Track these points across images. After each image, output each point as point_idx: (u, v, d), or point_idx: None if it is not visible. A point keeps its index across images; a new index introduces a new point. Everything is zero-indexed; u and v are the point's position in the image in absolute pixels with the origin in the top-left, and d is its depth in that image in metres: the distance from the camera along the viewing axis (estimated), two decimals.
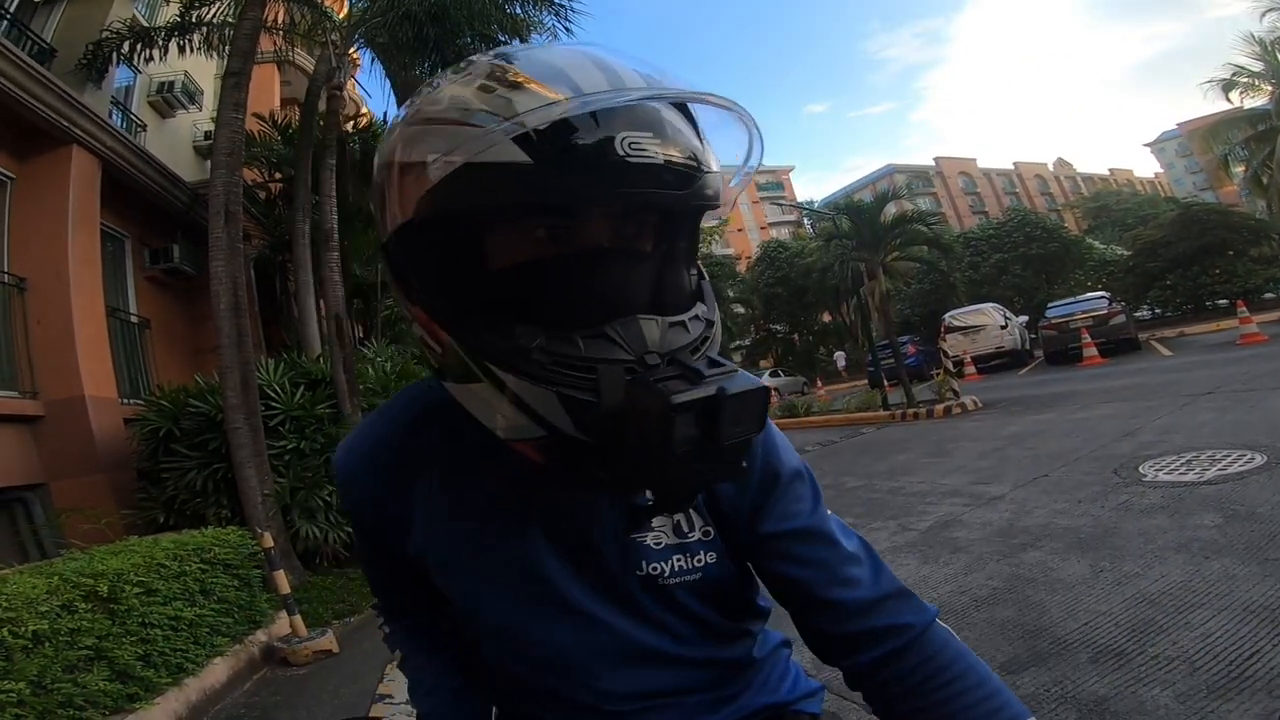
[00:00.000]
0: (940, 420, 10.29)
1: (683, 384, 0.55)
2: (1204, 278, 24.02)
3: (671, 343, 0.60)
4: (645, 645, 0.78)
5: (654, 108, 0.58)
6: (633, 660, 0.79)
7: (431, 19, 7.85)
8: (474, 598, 0.80)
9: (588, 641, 0.78)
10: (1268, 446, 4.52)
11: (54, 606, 3.09)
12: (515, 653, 0.81)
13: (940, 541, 4.16)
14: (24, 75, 6.33)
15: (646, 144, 0.55)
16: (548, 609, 0.77)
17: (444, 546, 0.79)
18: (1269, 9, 19.82)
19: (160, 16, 9.37)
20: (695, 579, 0.78)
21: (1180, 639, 2.37)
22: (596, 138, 0.54)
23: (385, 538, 0.83)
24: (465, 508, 0.77)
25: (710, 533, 0.78)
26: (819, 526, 0.79)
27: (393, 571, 0.91)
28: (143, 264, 8.96)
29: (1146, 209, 41.91)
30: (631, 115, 0.56)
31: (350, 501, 0.84)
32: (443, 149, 0.56)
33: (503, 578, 0.77)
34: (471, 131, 0.55)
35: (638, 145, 0.54)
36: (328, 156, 8.01)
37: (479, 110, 0.56)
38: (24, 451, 6.30)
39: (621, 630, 0.78)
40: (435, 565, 0.80)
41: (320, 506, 6.18)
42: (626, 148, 0.54)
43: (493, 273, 0.63)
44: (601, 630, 0.77)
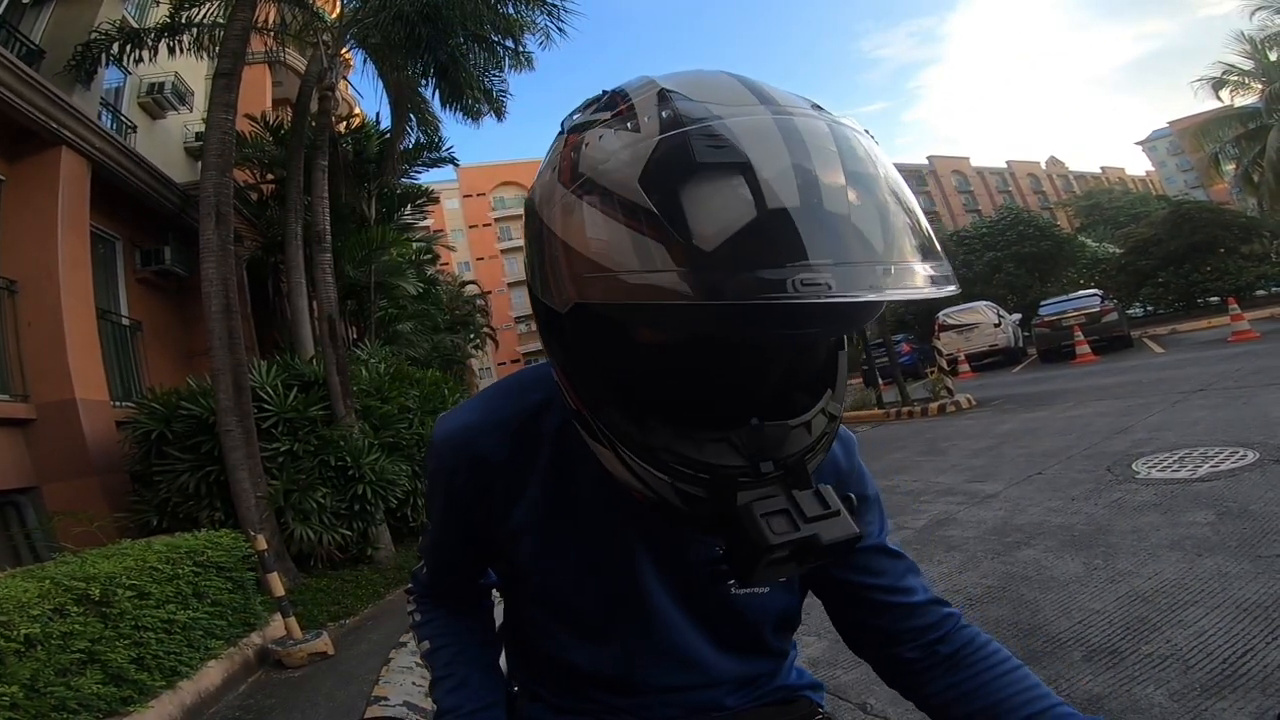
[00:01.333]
0: (934, 418, 10.32)
1: (784, 522, 0.57)
2: (1195, 275, 24.14)
3: (791, 447, 0.61)
4: (702, 653, 0.86)
5: (843, 215, 0.50)
6: (687, 662, 0.85)
7: (424, 19, 7.83)
8: (560, 584, 0.84)
9: (655, 639, 0.84)
10: (1260, 443, 4.54)
11: (46, 610, 3.07)
12: (582, 639, 0.86)
13: (934, 540, 4.16)
14: (12, 77, 6.28)
15: (824, 278, 0.46)
16: (629, 605, 0.83)
17: (544, 529, 0.82)
18: (1259, 7, 19.91)
19: (150, 17, 9.33)
20: (765, 591, 0.85)
21: (1174, 637, 2.38)
22: (772, 275, 0.46)
23: (481, 509, 0.83)
24: (572, 497, 0.81)
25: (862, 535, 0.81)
26: (888, 543, 0.90)
27: (463, 547, 0.91)
28: (134, 266, 8.90)
29: (1138, 207, 42.06)
30: (810, 234, 0.48)
31: (462, 467, 0.82)
32: (609, 263, 0.52)
33: (594, 569, 0.82)
34: (639, 249, 0.50)
35: (811, 283, 0.46)
36: (320, 157, 7.99)
37: (649, 217, 0.50)
38: (15, 454, 6.25)
39: (686, 634, 0.84)
40: (530, 547, 0.83)
41: (314, 509, 6.16)
42: (800, 286, 0.46)
43: (636, 366, 0.65)
44: (669, 631, 0.84)
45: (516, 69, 9.53)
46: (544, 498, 0.81)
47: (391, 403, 7.59)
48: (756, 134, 0.51)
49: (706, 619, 0.85)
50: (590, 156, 0.56)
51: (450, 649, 0.94)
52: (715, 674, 0.87)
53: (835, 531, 0.58)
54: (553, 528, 0.81)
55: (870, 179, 0.53)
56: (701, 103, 0.54)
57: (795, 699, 0.95)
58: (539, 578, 0.84)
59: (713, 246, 0.47)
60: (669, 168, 0.50)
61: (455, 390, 9.20)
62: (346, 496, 6.40)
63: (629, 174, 0.52)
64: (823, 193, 0.49)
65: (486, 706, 0.89)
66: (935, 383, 11.84)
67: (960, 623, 0.87)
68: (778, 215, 0.48)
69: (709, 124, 0.51)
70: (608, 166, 0.54)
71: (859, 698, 2.45)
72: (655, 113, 0.54)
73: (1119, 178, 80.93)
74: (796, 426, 0.62)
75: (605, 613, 0.84)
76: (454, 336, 19.92)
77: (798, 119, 0.53)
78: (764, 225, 0.47)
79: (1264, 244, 24.16)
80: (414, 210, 13.88)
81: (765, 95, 0.56)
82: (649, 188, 0.50)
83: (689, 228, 0.48)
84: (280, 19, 8.90)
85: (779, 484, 0.60)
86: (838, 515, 0.59)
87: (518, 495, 0.81)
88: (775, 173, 0.49)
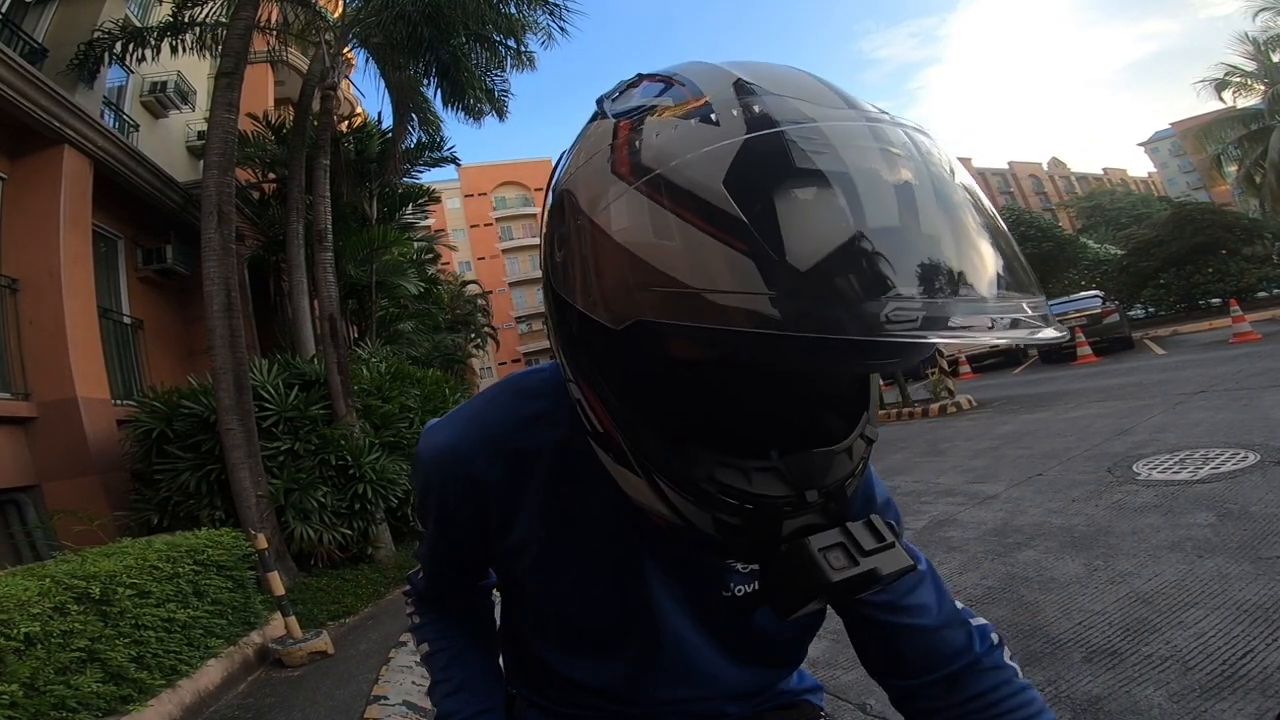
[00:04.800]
0: (935, 419, 10.32)
1: (842, 557, 0.54)
2: (1197, 277, 24.11)
3: (835, 474, 0.57)
4: (712, 665, 0.82)
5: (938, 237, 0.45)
6: (695, 675, 0.82)
7: (426, 19, 7.83)
8: (563, 600, 0.80)
9: (662, 653, 0.80)
10: (1261, 445, 4.54)
11: (46, 609, 3.07)
12: (584, 654, 0.83)
13: (935, 541, 4.16)
14: (15, 75, 6.29)
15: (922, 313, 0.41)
16: (638, 620, 0.79)
17: (545, 546, 0.78)
18: (1262, 9, 19.90)
19: (153, 16, 9.33)
20: None
21: (1174, 638, 2.38)
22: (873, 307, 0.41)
23: (477, 522, 0.79)
24: (574, 512, 0.76)
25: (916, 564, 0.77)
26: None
27: (459, 558, 0.88)
28: (135, 264, 8.91)
29: (1140, 208, 42.04)
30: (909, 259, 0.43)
31: (452, 489, 0.78)
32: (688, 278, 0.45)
33: (599, 585, 0.78)
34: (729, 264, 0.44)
35: (907, 318, 0.41)
36: (321, 157, 8.00)
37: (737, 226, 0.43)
38: (16, 453, 6.26)
39: (695, 647, 0.81)
40: (532, 561, 0.79)
41: (314, 508, 6.16)
42: (894, 317, 0.41)
43: (685, 390, 0.59)
44: (678, 644, 0.80)
45: (518, 68, 9.53)
46: (543, 514, 0.77)
47: (392, 402, 7.59)
48: (855, 142, 0.46)
49: (718, 631, 0.82)
50: (661, 149, 0.49)
51: (448, 652, 0.93)
52: (724, 687, 0.84)
53: (893, 564, 0.55)
54: (554, 544, 0.78)
55: (963, 200, 0.48)
56: (788, 99, 0.48)
57: (796, 704, 0.93)
58: (540, 592, 0.82)
59: (807, 266, 0.42)
60: (762, 172, 0.44)
61: (456, 390, 9.21)
62: (347, 496, 6.40)
63: (714, 174, 0.45)
64: (920, 213, 0.45)
65: (483, 711, 0.88)
66: (936, 383, 11.84)
67: (987, 659, 0.78)
68: (879, 236, 0.43)
69: (804, 126, 0.46)
70: (687, 163, 0.47)
71: (859, 698, 2.45)
72: (736, 106, 0.48)
73: (1121, 179, 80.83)
74: (840, 452, 0.58)
75: (611, 628, 0.80)
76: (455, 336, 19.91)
77: (887, 128, 0.48)
78: (862, 247, 0.42)
79: (1266, 245, 24.11)
80: (415, 210, 13.89)
81: (849, 97, 0.50)
82: (738, 193, 0.44)
83: (782, 243, 0.42)
84: (283, 18, 8.91)
85: (821, 513, 0.57)
86: (893, 547, 0.56)
87: (515, 513, 0.77)
88: (876, 187, 0.44)
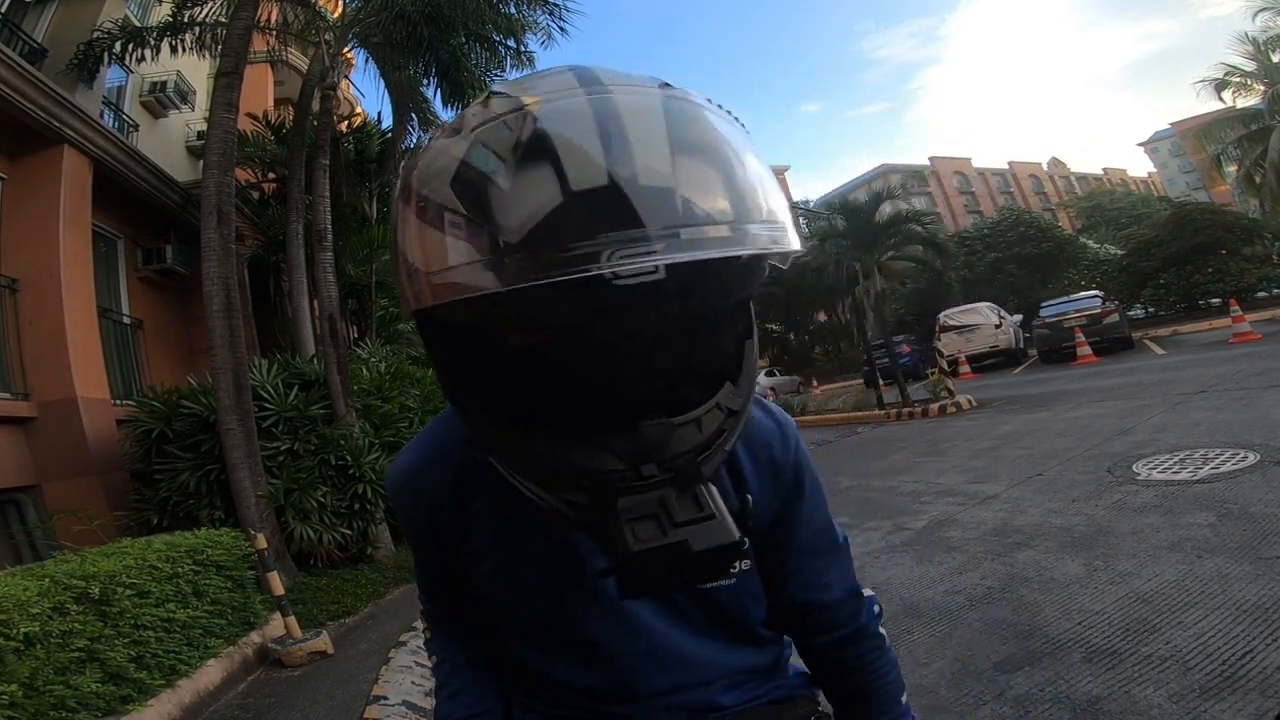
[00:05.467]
0: (935, 419, 10.32)
1: (652, 528, 0.54)
2: (1197, 277, 24.12)
3: (678, 446, 0.57)
4: (684, 648, 0.83)
5: (666, 187, 0.48)
6: (670, 661, 0.83)
7: (426, 19, 7.82)
8: (528, 601, 0.83)
9: (631, 642, 0.82)
10: (1261, 445, 4.54)
11: (45, 608, 3.06)
12: (561, 654, 0.85)
13: (935, 541, 4.16)
14: (15, 75, 6.29)
15: (639, 255, 0.45)
16: (597, 609, 0.80)
17: (502, 550, 0.81)
18: (1261, 9, 19.91)
19: (152, 16, 9.34)
20: (731, 584, 0.82)
21: (1173, 638, 2.38)
22: (580, 251, 0.45)
23: (443, 538, 0.84)
24: (516, 513, 0.78)
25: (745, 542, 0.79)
26: (820, 532, 0.88)
27: (443, 575, 0.91)
28: (135, 264, 8.91)
29: (1140, 208, 42.07)
30: (625, 209, 0.47)
31: (413, 511, 0.85)
32: (422, 264, 0.53)
33: (556, 583, 0.81)
34: (449, 248, 0.50)
35: (631, 254, 0.45)
36: (321, 156, 7.99)
37: (455, 215, 0.50)
38: (16, 453, 6.26)
39: (662, 632, 0.82)
40: (493, 568, 0.82)
41: (314, 508, 6.16)
42: (616, 258, 0.45)
43: (497, 371, 0.62)
44: (644, 632, 0.81)
45: (518, 68, 9.51)
46: (492, 521, 0.80)
47: (392, 402, 7.59)
48: (565, 117, 0.50)
49: (679, 611, 0.82)
50: (415, 165, 0.57)
51: (451, 660, 0.96)
52: (702, 669, 0.85)
53: (708, 540, 0.54)
54: (507, 549, 0.81)
55: (697, 149, 0.52)
56: (518, 96, 0.53)
57: (794, 697, 0.93)
58: (508, 597, 0.84)
59: (519, 236, 0.47)
60: (476, 166, 0.50)
61: None
62: (347, 495, 6.39)
63: (442, 180, 0.52)
64: (637, 168, 0.48)
65: (479, 714, 0.92)
66: (936, 383, 11.84)
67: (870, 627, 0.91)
68: (583, 197, 0.47)
69: (515, 115, 0.51)
70: (426, 173, 0.54)
71: None
72: (475, 112, 0.54)
73: (1121, 179, 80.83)
74: (683, 424, 0.58)
75: (578, 625, 0.82)
76: None
77: (617, 95, 0.52)
78: (569, 207, 0.47)
79: (1266, 245, 24.13)
80: None
81: (591, 80, 0.54)
82: (458, 189, 0.51)
83: (496, 221, 0.48)
84: (283, 18, 8.91)
85: (668, 488, 0.56)
86: (712, 519, 0.55)
87: (470, 523, 0.81)
88: (582, 153, 0.48)
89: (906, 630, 2.99)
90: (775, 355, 40.08)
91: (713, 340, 0.65)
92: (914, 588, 3.49)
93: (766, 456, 0.83)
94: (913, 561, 3.90)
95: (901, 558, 4.00)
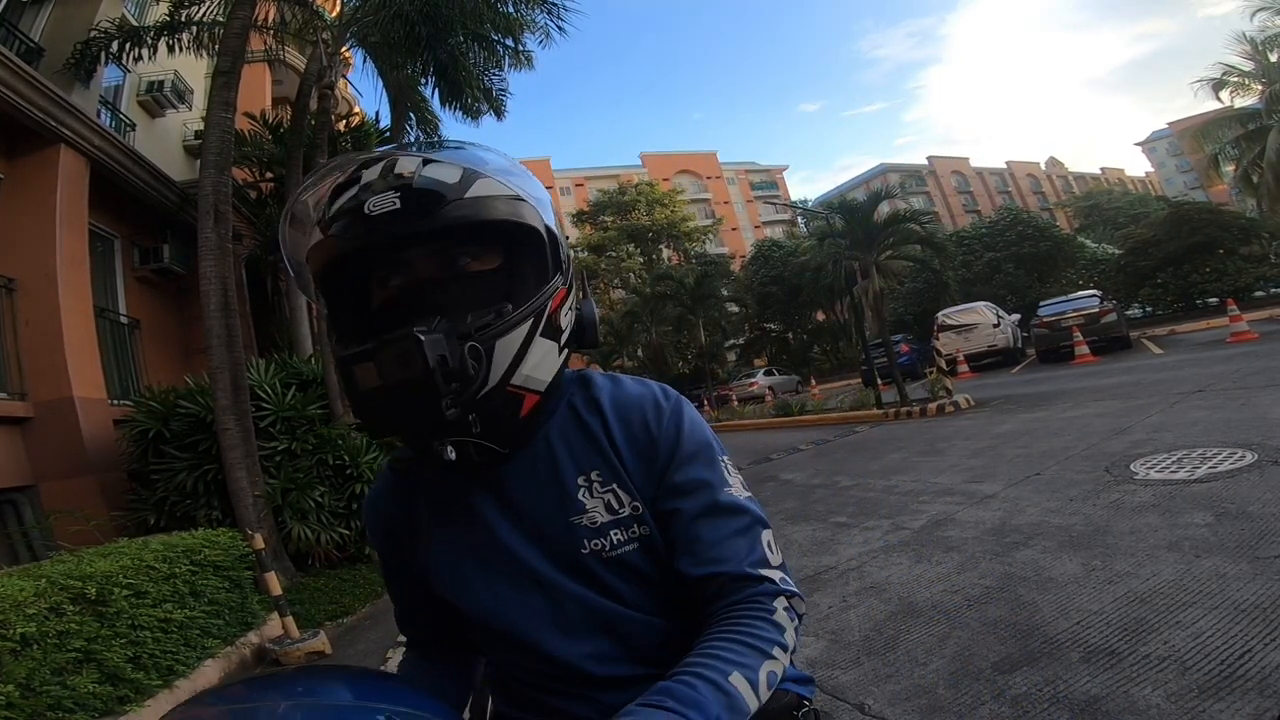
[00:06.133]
0: (933, 419, 10.31)
1: (350, 202, 0.78)
2: (1194, 276, 24.16)
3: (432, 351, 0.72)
4: (608, 611, 0.87)
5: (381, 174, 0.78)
6: (596, 625, 0.87)
7: (423, 18, 7.83)
8: (475, 598, 0.90)
9: (559, 609, 0.87)
10: (1259, 444, 4.54)
11: (42, 609, 3.06)
12: (500, 632, 0.90)
13: (933, 540, 4.16)
14: (11, 75, 6.28)
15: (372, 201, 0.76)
16: (521, 582, 0.88)
17: (449, 554, 0.92)
18: (1259, 8, 19.91)
19: (150, 16, 9.32)
20: (635, 548, 0.87)
21: (1171, 638, 2.38)
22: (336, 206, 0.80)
23: (404, 555, 0.97)
24: (450, 512, 0.92)
25: (639, 507, 0.87)
26: (722, 510, 0.87)
27: (412, 593, 1.01)
28: (132, 264, 8.90)
29: (1138, 208, 42.17)
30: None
31: (376, 527, 1.01)
32: None
33: (485, 564, 0.89)
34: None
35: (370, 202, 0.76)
36: (319, 156, 7.99)
37: None
38: (13, 453, 6.25)
39: (583, 598, 0.87)
40: (446, 575, 0.92)
41: (312, 508, 6.15)
42: (370, 208, 0.76)
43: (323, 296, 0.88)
44: (569, 599, 0.87)
45: (516, 68, 9.54)
46: (432, 519, 0.94)
47: None
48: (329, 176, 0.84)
49: (599, 582, 0.87)
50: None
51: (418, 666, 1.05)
52: (637, 638, 0.87)
53: (381, 204, 0.75)
54: (452, 549, 0.92)
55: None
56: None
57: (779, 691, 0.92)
58: (459, 599, 0.92)
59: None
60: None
61: None
62: (344, 495, 6.39)
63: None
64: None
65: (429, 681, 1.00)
66: (934, 383, 11.84)
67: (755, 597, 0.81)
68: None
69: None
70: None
71: (857, 698, 2.45)
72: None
73: (1118, 178, 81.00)
74: (434, 335, 0.73)
75: (507, 596, 0.88)
76: None
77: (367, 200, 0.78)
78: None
79: (1263, 245, 24.18)
80: None
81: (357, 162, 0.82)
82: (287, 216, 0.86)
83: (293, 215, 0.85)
84: (280, 17, 8.90)
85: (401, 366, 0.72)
86: (407, 334, 0.71)
87: (417, 529, 0.95)
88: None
89: (904, 630, 2.99)
90: (774, 354, 40.09)
91: (462, 282, 0.83)
92: (912, 587, 3.48)
93: (640, 423, 0.90)
94: (911, 561, 3.90)
95: (899, 557, 4.00)
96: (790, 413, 14.73)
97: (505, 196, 0.80)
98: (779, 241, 42.19)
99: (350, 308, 0.86)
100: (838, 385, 26.19)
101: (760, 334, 40.85)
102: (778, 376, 29.77)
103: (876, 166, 73.48)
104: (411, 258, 0.82)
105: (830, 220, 25.61)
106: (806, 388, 25.67)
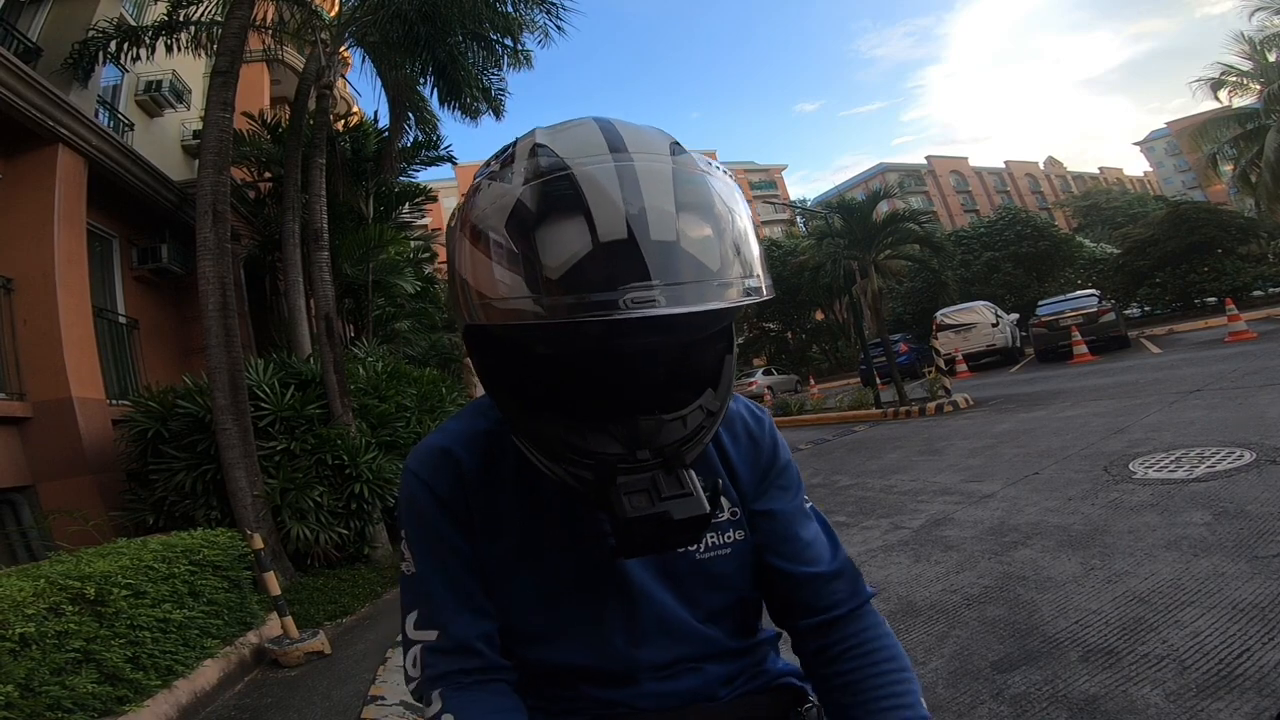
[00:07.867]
0: (932, 418, 10.32)
1: (644, 499, 0.69)
2: (1193, 276, 24.16)
3: (667, 437, 0.72)
4: (680, 618, 0.89)
5: (670, 242, 0.62)
6: (668, 632, 0.89)
7: (422, 18, 7.82)
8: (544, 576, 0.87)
9: (634, 610, 0.88)
10: (1256, 444, 4.55)
11: (41, 609, 3.06)
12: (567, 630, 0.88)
13: (932, 540, 4.17)
14: (9, 74, 6.27)
15: (645, 305, 0.60)
16: (609, 581, 0.87)
17: (523, 528, 0.88)
18: (1258, 8, 19.90)
19: (148, 15, 9.31)
20: (727, 553, 0.91)
21: (1170, 637, 2.38)
22: (600, 297, 0.60)
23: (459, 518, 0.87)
24: (544, 491, 0.87)
25: (738, 514, 0.92)
26: (800, 508, 0.96)
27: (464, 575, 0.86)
28: (131, 264, 8.89)
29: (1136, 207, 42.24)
30: (638, 261, 0.60)
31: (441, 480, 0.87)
32: (487, 292, 0.65)
33: (572, 558, 0.87)
34: (507, 281, 0.63)
35: (640, 301, 0.59)
36: (317, 155, 7.97)
37: (511, 255, 0.63)
38: (11, 453, 6.24)
39: (661, 602, 0.88)
40: (511, 546, 0.87)
41: (311, 507, 6.15)
42: (628, 303, 0.59)
43: (528, 372, 0.77)
44: (645, 601, 0.88)
45: (515, 67, 9.51)
46: (518, 499, 0.88)
47: (389, 401, 7.57)
48: (598, 180, 0.63)
49: (678, 581, 0.89)
50: (475, 204, 0.69)
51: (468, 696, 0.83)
52: (698, 643, 0.90)
53: (685, 510, 0.69)
54: (530, 526, 0.88)
55: (696, 209, 0.65)
56: (560, 156, 0.66)
57: (781, 686, 0.96)
58: (523, 577, 0.87)
59: (558, 275, 0.60)
60: (527, 214, 0.63)
61: (453, 389, 9.18)
62: (343, 495, 6.39)
63: (499, 221, 0.65)
64: (650, 226, 0.61)
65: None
66: (933, 382, 11.85)
67: (858, 608, 0.91)
68: (608, 247, 0.60)
69: (559, 176, 0.64)
70: (485, 213, 0.67)
71: None
72: (524, 166, 0.66)
73: (1117, 178, 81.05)
74: (672, 420, 0.73)
75: (588, 594, 0.87)
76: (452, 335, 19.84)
77: (638, 163, 0.65)
78: (597, 255, 0.60)
79: (1261, 245, 24.21)
80: (412, 209, 13.86)
81: (618, 143, 0.67)
82: (512, 232, 0.63)
83: (541, 261, 0.61)
84: (278, 17, 8.88)
85: (658, 470, 0.71)
86: (690, 496, 0.70)
87: (495, 500, 0.88)
88: (608, 212, 0.61)
89: (903, 629, 2.99)
90: (773, 354, 40.08)
91: (698, 357, 0.79)
92: (911, 587, 3.49)
93: (744, 432, 0.96)
94: (910, 560, 3.90)
95: (898, 556, 4.00)
96: (789, 412, 14.74)
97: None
98: (778, 241, 42.17)
99: (543, 371, 0.76)
100: (836, 385, 26.21)
101: (759, 333, 40.83)
102: (776, 376, 29.74)
103: (875, 166, 73.45)
104: (656, 347, 0.73)
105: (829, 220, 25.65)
106: (805, 387, 25.67)
